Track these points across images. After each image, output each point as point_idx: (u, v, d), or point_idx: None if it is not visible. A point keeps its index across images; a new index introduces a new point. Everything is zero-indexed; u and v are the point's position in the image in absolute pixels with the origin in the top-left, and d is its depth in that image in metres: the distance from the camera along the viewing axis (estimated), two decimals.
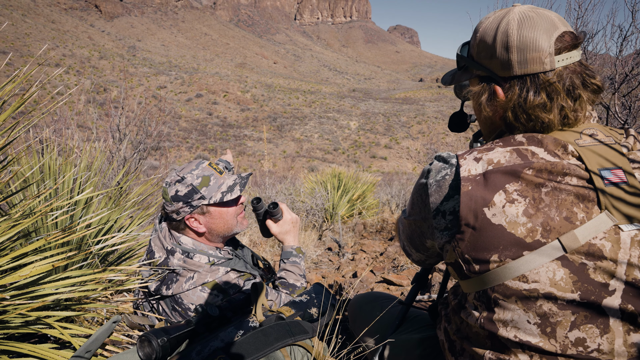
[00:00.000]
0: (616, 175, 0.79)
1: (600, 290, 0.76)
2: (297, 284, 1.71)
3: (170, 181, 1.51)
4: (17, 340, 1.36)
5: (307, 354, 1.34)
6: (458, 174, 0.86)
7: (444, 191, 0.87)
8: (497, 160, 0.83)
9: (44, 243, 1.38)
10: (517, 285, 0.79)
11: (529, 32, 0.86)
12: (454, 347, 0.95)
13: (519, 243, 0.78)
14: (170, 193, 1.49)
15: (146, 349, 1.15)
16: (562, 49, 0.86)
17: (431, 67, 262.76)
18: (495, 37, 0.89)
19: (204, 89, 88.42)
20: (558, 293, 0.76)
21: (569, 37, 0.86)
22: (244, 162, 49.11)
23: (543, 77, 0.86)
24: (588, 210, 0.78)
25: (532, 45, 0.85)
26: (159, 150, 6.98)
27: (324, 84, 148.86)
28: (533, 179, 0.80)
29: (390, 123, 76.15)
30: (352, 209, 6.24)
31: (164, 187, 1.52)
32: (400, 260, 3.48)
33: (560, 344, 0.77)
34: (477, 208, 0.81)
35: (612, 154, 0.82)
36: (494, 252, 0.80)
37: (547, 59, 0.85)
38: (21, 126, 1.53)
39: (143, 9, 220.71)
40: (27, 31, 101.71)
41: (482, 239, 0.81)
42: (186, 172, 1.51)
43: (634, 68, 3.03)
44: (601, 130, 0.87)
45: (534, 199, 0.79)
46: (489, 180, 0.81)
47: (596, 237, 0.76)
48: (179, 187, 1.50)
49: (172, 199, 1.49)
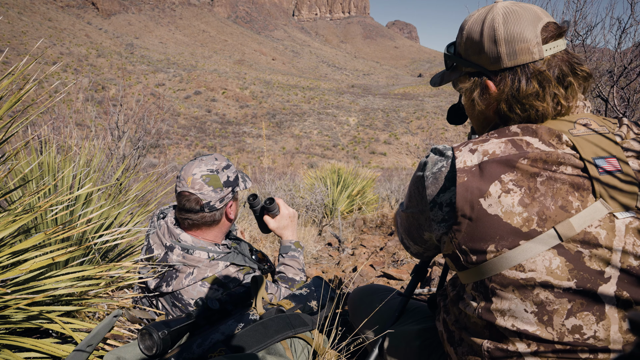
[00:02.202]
0: (610, 163, 0.80)
1: (596, 277, 0.76)
2: (296, 278, 1.71)
3: (216, 169, 1.50)
4: (19, 335, 1.36)
5: (307, 346, 1.34)
6: (454, 166, 0.87)
7: (440, 183, 0.89)
8: (493, 151, 0.84)
9: (44, 238, 1.38)
10: (514, 274, 0.80)
11: (514, 24, 0.88)
12: (453, 337, 0.96)
13: (515, 232, 0.79)
14: (222, 179, 1.50)
15: (147, 341, 1.15)
16: (548, 38, 0.89)
17: (430, 62, 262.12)
18: (482, 32, 0.92)
19: (202, 86, 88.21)
20: (554, 281, 0.77)
21: (552, 26, 0.89)
22: (243, 159, 49.07)
23: (533, 66, 0.89)
24: (583, 199, 0.79)
25: (519, 36, 0.88)
26: (158, 147, 6.97)
27: (322, 80, 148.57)
28: (528, 169, 0.80)
29: (389, 119, 76.08)
30: (352, 204, 6.25)
31: (208, 174, 1.47)
32: (400, 254, 3.49)
33: (557, 331, 0.78)
34: (473, 199, 0.82)
35: (606, 143, 0.83)
36: (491, 242, 0.81)
37: (535, 48, 0.88)
38: (18, 122, 1.53)
39: (140, 6, 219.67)
40: (23, 29, 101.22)
41: (478, 229, 0.82)
42: (214, 159, 1.52)
43: (633, 61, 3.02)
44: (595, 120, 0.88)
45: (529, 189, 0.80)
46: (485, 170, 0.82)
47: (591, 225, 0.77)
48: (228, 173, 1.52)
49: (225, 184, 1.50)
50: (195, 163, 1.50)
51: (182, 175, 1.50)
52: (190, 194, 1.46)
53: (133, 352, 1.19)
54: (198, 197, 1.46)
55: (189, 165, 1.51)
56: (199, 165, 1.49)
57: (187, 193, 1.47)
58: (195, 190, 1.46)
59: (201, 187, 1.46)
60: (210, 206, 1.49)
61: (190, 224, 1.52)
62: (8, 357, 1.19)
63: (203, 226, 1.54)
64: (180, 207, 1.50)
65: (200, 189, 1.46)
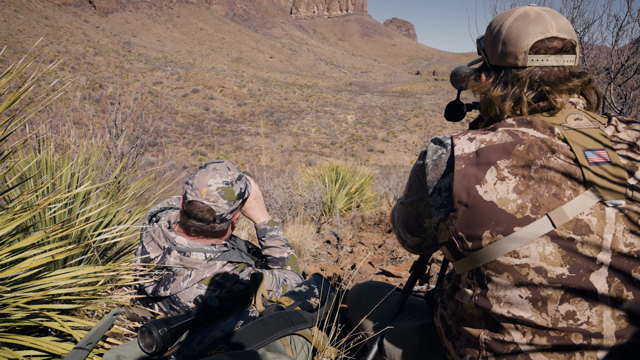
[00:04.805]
0: (600, 155, 0.83)
1: (588, 264, 0.79)
2: (284, 255, 1.74)
3: (231, 180, 1.49)
4: (18, 333, 1.37)
5: (307, 342, 1.35)
6: (453, 153, 0.90)
7: (441, 169, 0.92)
8: (490, 139, 0.87)
9: (42, 236, 1.38)
10: (509, 260, 0.82)
11: (517, 29, 0.94)
12: (451, 331, 0.97)
13: (509, 219, 0.81)
14: (237, 191, 1.50)
15: (147, 339, 1.16)
16: (540, 50, 0.93)
17: (428, 60, 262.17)
18: (495, 27, 0.99)
19: (200, 84, 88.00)
20: (548, 267, 0.79)
21: (557, 42, 0.93)
22: (241, 157, 49.02)
23: (514, 71, 0.95)
24: (575, 187, 0.81)
25: (515, 40, 0.94)
26: (156, 146, 6.96)
27: (320, 77, 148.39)
28: (524, 155, 0.83)
29: (387, 116, 76.09)
30: (350, 202, 6.25)
31: (224, 187, 1.47)
32: (399, 252, 3.50)
33: (552, 317, 0.80)
34: (470, 186, 0.84)
35: (596, 136, 0.86)
36: (486, 228, 0.83)
37: (521, 55, 0.93)
38: (16, 120, 1.53)
39: (137, 4, 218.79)
40: (20, 27, 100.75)
41: (474, 215, 0.84)
42: (227, 169, 1.52)
43: (630, 58, 3.03)
44: (585, 116, 0.92)
45: (523, 176, 0.82)
46: (482, 157, 0.85)
47: (583, 213, 0.80)
48: (241, 184, 1.53)
49: (238, 197, 1.51)
50: (210, 173, 1.48)
51: (194, 184, 1.46)
52: (204, 205, 1.45)
53: (133, 350, 1.19)
54: (212, 208, 1.45)
55: (202, 174, 1.48)
56: (214, 176, 1.47)
57: (200, 204, 1.45)
58: (210, 202, 1.45)
59: (216, 200, 1.45)
60: (222, 218, 1.49)
61: (198, 232, 1.51)
62: (8, 355, 1.20)
63: (210, 235, 1.54)
64: (192, 216, 1.47)
65: (216, 201, 1.45)
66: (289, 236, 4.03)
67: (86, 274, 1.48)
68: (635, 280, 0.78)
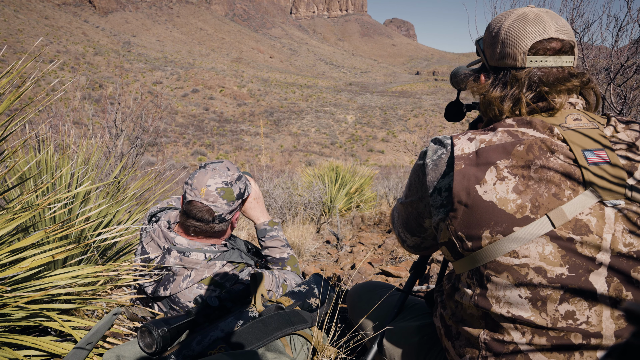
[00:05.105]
0: (599, 155, 0.83)
1: (587, 264, 0.79)
2: (284, 256, 1.74)
3: (230, 181, 1.49)
4: (18, 332, 1.37)
5: (307, 342, 1.35)
6: (453, 153, 0.90)
7: (441, 169, 0.92)
8: (490, 139, 0.88)
9: (42, 236, 1.38)
10: (509, 260, 0.82)
11: (516, 30, 0.94)
12: (450, 331, 0.98)
13: (509, 219, 0.81)
14: (235, 192, 1.50)
15: (147, 339, 1.16)
16: (539, 51, 0.93)
17: (427, 60, 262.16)
18: (494, 28, 0.99)
19: (200, 84, 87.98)
20: (547, 267, 0.79)
21: (555, 43, 0.93)
22: (241, 157, 49.01)
23: (513, 72, 0.95)
24: (574, 188, 0.81)
25: (514, 41, 0.94)
26: (156, 146, 6.96)
27: (320, 78, 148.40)
28: (523, 155, 0.83)
29: (387, 116, 76.09)
30: (350, 202, 6.25)
31: (223, 187, 1.47)
32: (399, 252, 3.50)
33: (551, 317, 0.80)
34: (470, 186, 0.84)
35: (595, 137, 0.87)
36: (486, 228, 0.83)
37: (520, 56, 0.93)
38: (16, 120, 1.53)
39: (137, 4, 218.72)
40: (19, 27, 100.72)
41: (474, 215, 0.84)
42: (227, 169, 1.52)
43: (629, 58, 3.04)
44: (584, 116, 0.92)
45: (523, 176, 0.82)
46: (482, 157, 0.86)
47: (582, 213, 0.80)
48: (240, 185, 1.53)
49: (236, 197, 1.51)
50: (209, 173, 1.48)
51: (194, 184, 1.46)
52: (203, 205, 1.45)
53: (133, 350, 1.20)
54: (211, 209, 1.46)
55: (201, 174, 1.48)
56: (213, 176, 1.47)
57: (199, 204, 1.45)
58: (209, 202, 1.45)
59: (215, 200, 1.46)
60: (221, 218, 1.49)
61: (197, 232, 1.51)
62: (8, 355, 1.20)
63: (209, 235, 1.54)
64: (191, 216, 1.47)
65: (215, 201, 1.46)
66: (288, 236, 4.03)
67: (86, 274, 1.48)
68: (634, 280, 0.78)
